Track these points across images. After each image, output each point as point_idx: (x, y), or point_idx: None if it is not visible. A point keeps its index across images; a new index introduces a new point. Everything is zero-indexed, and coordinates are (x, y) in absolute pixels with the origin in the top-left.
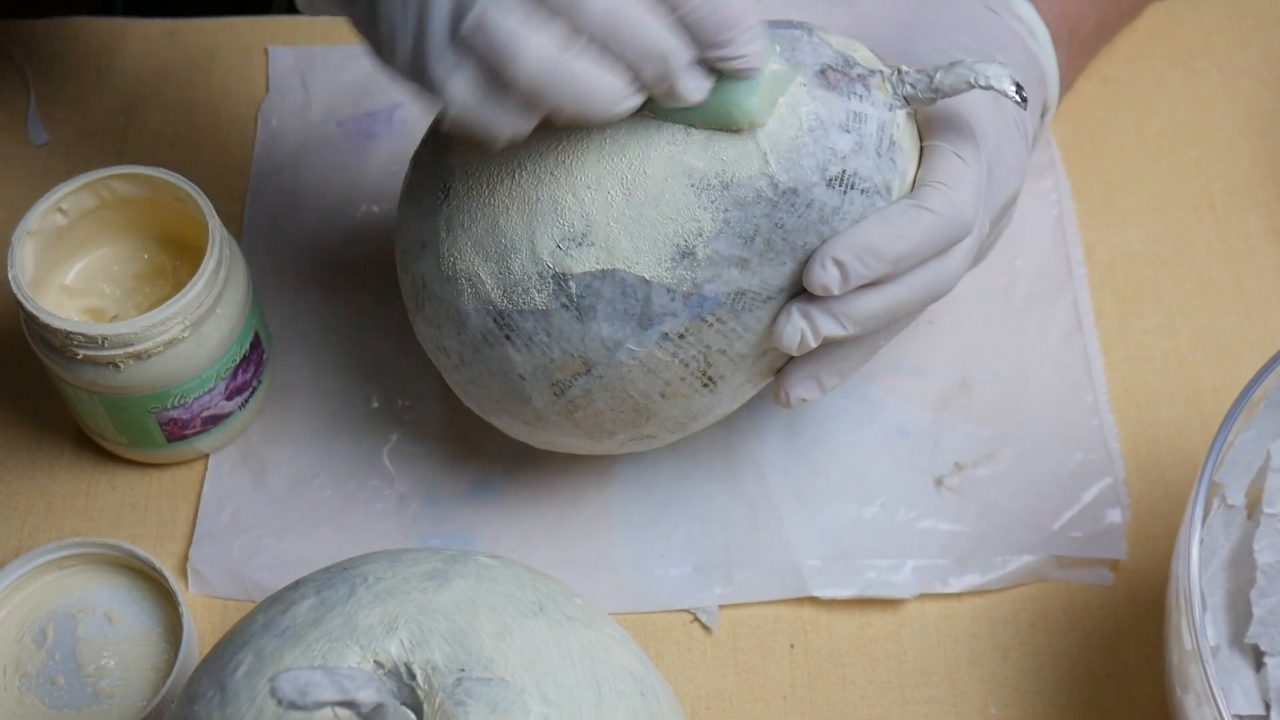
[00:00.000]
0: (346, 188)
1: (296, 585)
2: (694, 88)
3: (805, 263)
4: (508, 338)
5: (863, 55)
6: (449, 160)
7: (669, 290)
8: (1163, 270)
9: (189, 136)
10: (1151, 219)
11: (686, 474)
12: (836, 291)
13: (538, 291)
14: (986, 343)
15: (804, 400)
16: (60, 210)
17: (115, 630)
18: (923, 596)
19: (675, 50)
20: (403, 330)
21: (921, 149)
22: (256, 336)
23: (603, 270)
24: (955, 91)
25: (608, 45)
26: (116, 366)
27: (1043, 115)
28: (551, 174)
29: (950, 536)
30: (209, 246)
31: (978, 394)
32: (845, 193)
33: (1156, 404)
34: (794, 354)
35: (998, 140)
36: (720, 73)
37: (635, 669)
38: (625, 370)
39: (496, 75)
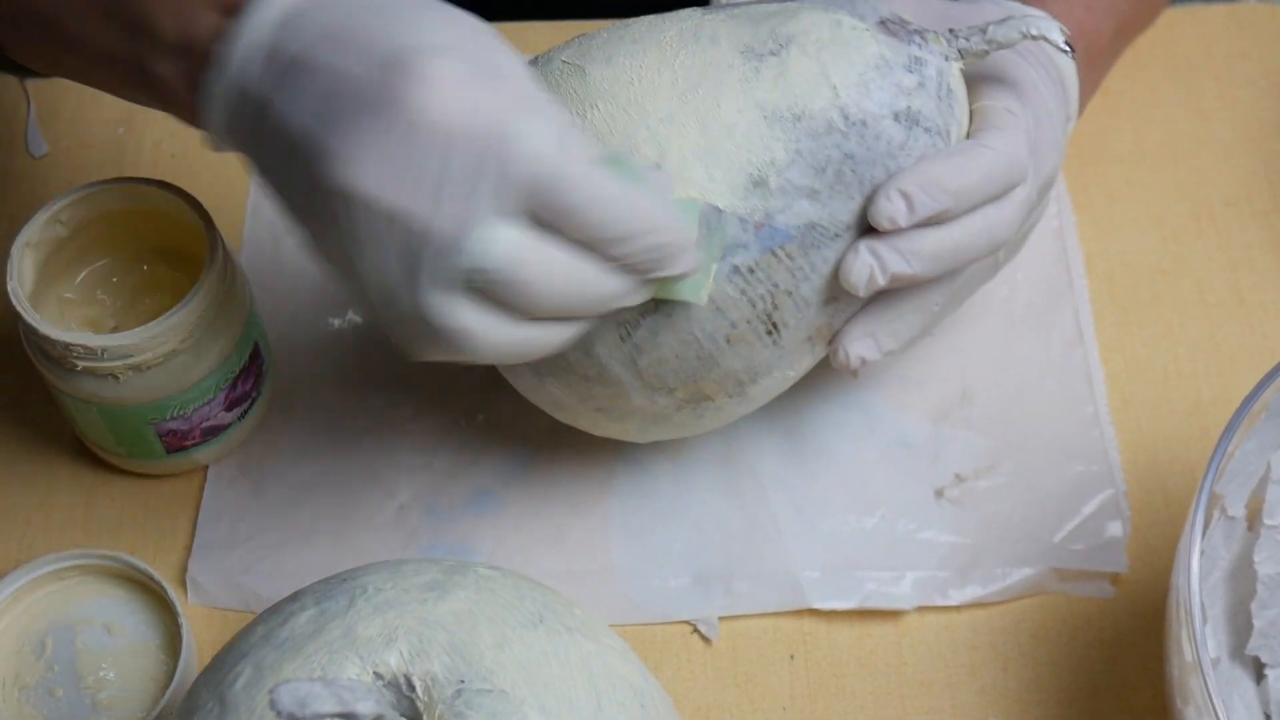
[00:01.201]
0: None
1: (296, 596)
2: (634, 300)
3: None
4: None
5: (910, 19)
6: None
7: (741, 220)
8: (1162, 281)
9: (189, 148)
10: (1151, 230)
11: (686, 485)
12: (903, 223)
13: None
14: (987, 354)
15: (863, 361)
16: (59, 222)
17: (114, 642)
18: (923, 608)
19: (621, 290)
20: None
21: (971, 112)
22: (256, 348)
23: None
24: (1009, 43)
25: (559, 313)
26: (116, 378)
27: (1065, 124)
28: (625, 111)
29: (950, 548)
30: (208, 258)
31: (978, 405)
32: (910, 129)
33: (1157, 415)
34: (861, 293)
35: (1041, 103)
36: None
37: (635, 680)
38: (694, 308)
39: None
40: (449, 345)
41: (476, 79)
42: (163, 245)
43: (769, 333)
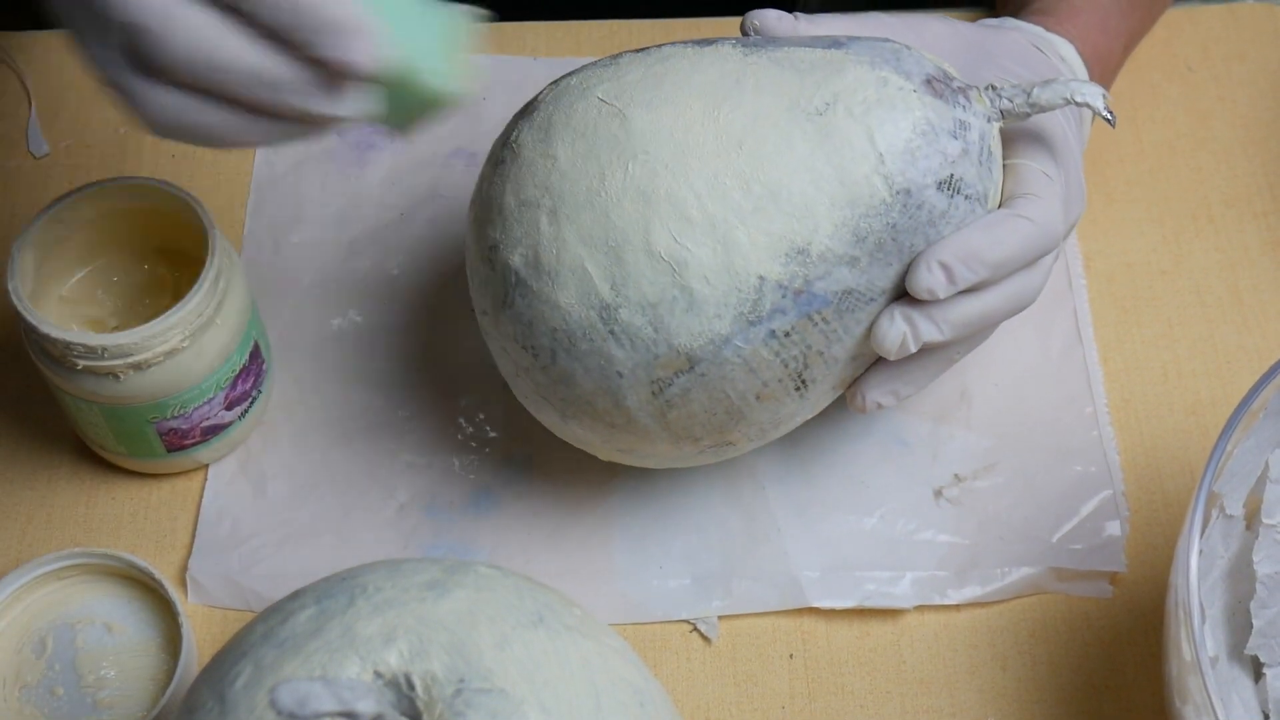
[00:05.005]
0: (347, 198)
1: (296, 595)
2: (342, 107)
3: (909, 265)
4: (611, 332)
5: (954, 72)
6: (553, 149)
7: (781, 286)
8: (1161, 281)
9: (189, 149)
10: (1150, 230)
11: (685, 485)
12: (941, 295)
13: (649, 284)
14: (986, 354)
15: (879, 406)
16: (60, 221)
17: (114, 641)
18: (922, 607)
19: (273, 70)
20: (403, 341)
21: (1005, 167)
22: (256, 347)
23: (719, 264)
24: (1051, 107)
25: (206, 90)
26: (116, 377)
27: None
28: (667, 166)
29: (949, 548)
30: (208, 257)
31: (977, 405)
32: (952, 197)
33: (1155, 415)
34: (892, 358)
35: (1072, 158)
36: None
37: (634, 679)
38: (728, 369)
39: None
40: (128, 105)
41: None
42: (163, 245)
43: (797, 389)
